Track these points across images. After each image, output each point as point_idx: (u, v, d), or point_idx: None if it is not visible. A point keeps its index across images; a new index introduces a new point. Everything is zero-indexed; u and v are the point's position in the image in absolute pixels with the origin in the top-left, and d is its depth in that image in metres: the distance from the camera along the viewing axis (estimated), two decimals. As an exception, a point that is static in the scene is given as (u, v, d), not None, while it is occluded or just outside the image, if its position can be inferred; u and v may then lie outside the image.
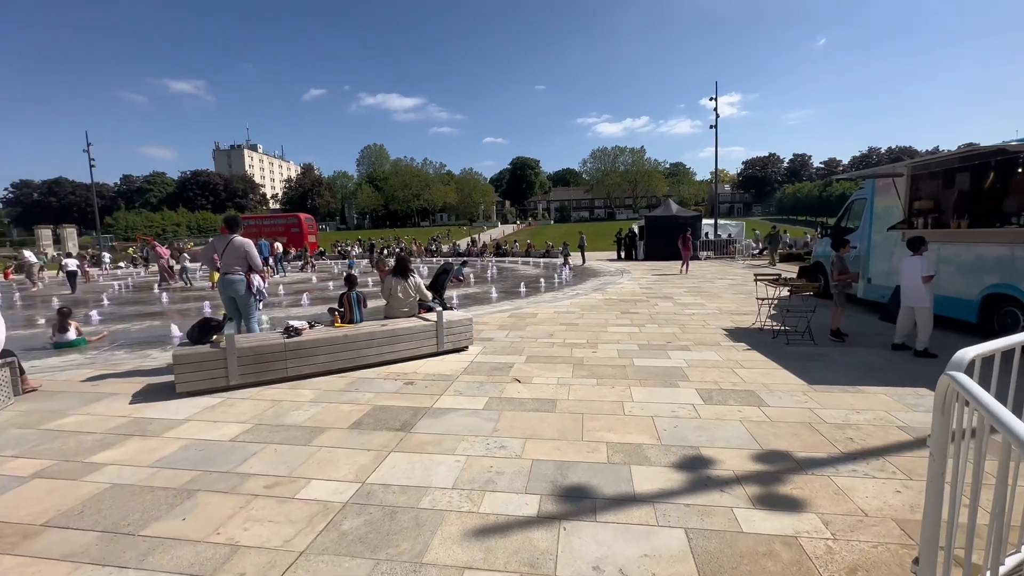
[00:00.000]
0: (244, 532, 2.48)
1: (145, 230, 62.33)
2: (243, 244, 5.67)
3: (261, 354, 4.90)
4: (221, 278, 5.61)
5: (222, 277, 5.60)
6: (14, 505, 2.81)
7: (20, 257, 21.78)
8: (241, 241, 5.67)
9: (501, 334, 7.20)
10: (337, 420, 3.99)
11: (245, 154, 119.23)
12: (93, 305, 11.96)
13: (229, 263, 5.61)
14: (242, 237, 5.73)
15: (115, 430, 3.89)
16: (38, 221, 52.18)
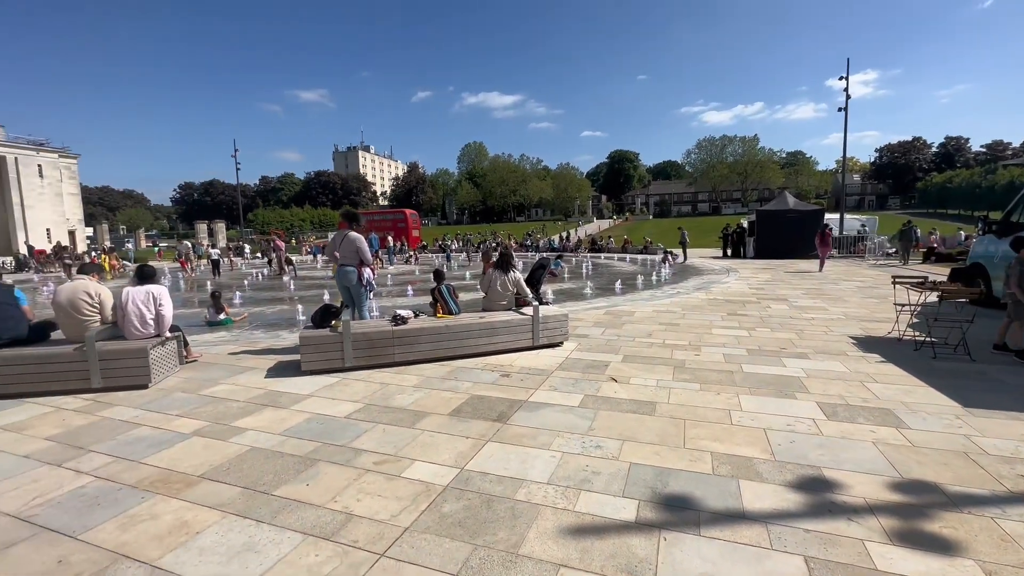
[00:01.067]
0: (357, 503, 2.70)
1: (277, 225, 70.50)
2: (356, 239, 6.13)
3: (372, 340, 5.30)
4: (338, 269, 6.15)
5: (339, 268, 6.14)
6: (179, 457, 3.32)
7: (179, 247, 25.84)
8: (355, 236, 6.14)
9: (596, 331, 7.07)
10: (438, 406, 4.18)
11: (359, 155, 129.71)
12: (235, 290, 13.80)
13: (345, 256, 6.11)
14: (356, 233, 6.19)
15: (254, 400, 4.44)
16: (197, 217, 61.36)
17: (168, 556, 2.28)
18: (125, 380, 4.76)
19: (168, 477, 3.04)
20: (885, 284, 11.99)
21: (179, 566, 2.21)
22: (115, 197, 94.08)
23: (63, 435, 3.73)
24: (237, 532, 2.45)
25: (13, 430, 3.85)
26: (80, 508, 2.71)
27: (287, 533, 2.44)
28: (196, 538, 2.41)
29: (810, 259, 18.99)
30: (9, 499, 2.82)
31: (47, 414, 4.20)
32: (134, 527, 2.52)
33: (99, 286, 5.06)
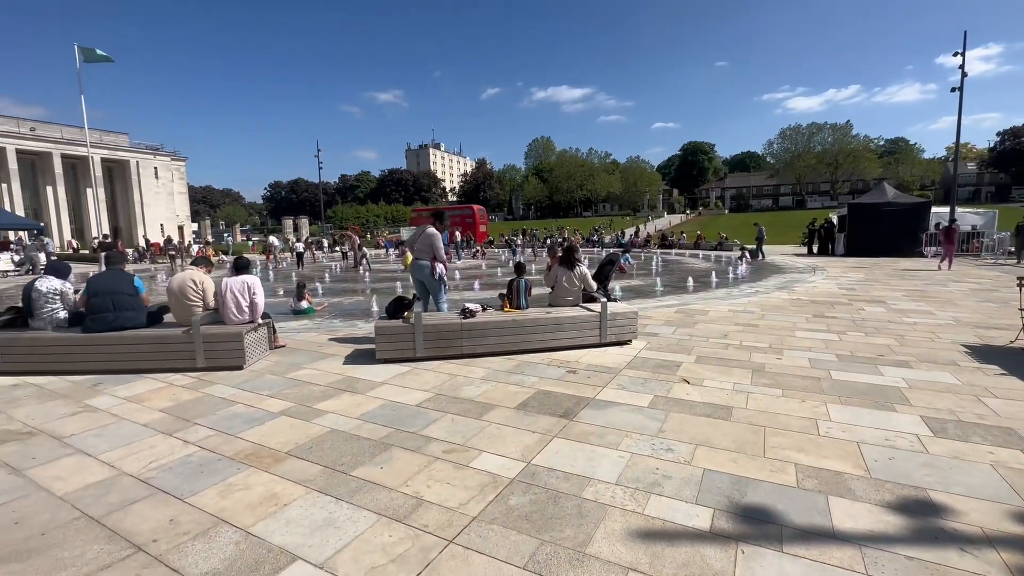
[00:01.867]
0: (427, 489, 2.79)
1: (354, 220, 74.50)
2: (433, 235, 6.32)
3: (442, 331, 5.45)
4: (413, 262, 6.38)
5: (414, 261, 6.37)
6: (269, 434, 3.60)
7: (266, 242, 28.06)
8: (432, 232, 6.33)
9: (667, 330, 6.82)
10: (505, 399, 4.23)
11: (430, 152, 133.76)
12: (316, 281, 14.76)
13: (420, 250, 6.33)
14: (435, 229, 6.39)
15: (333, 384, 4.73)
16: (284, 213, 66.35)
17: (259, 524, 2.48)
18: (224, 361, 5.24)
19: (259, 452, 3.31)
20: (1006, 286, 10.55)
21: (269, 534, 2.39)
22: (216, 195, 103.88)
23: (173, 408, 4.18)
24: (319, 508, 2.62)
25: (135, 401, 4.37)
26: (187, 474, 3.02)
27: (363, 512, 2.57)
28: (284, 510, 2.61)
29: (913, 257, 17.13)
30: (131, 461, 3.20)
31: (161, 388, 4.72)
32: (231, 495, 2.77)
33: (204, 276, 5.60)
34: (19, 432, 3.74)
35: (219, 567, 2.17)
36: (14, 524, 2.54)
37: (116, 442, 3.52)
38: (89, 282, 5.38)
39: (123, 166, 49.19)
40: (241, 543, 2.33)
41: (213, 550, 2.28)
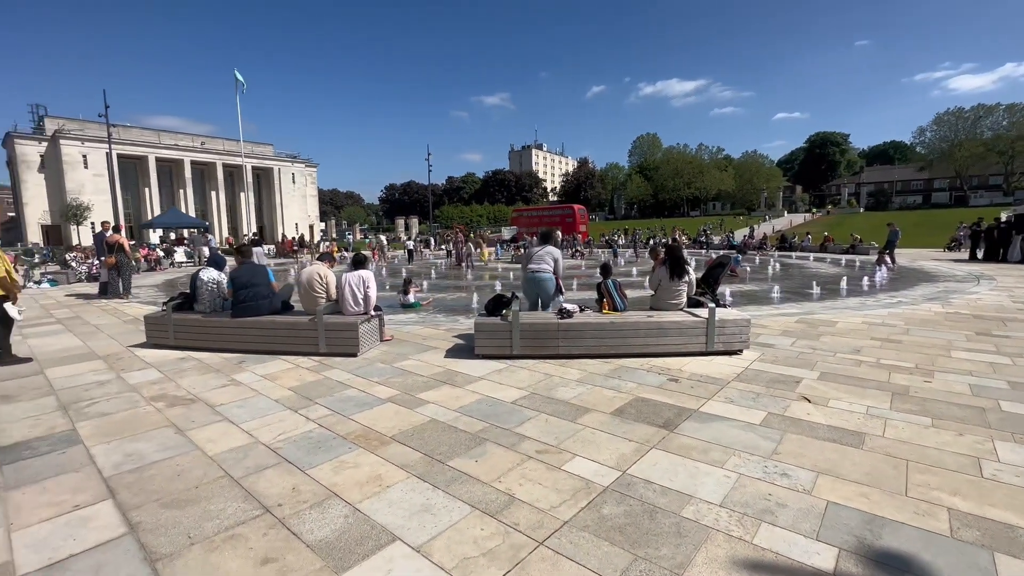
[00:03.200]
0: (519, 487, 2.80)
1: (459, 220, 77.97)
2: (555, 251, 6.36)
3: (538, 331, 5.47)
4: (531, 274, 6.32)
5: (532, 274, 6.31)
6: (377, 418, 3.88)
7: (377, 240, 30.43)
8: (555, 248, 6.40)
9: (785, 341, 6.17)
10: (600, 403, 4.12)
11: (532, 153, 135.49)
12: (423, 277, 15.65)
13: (540, 260, 6.32)
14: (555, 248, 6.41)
15: (434, 376, 4.96)
16: (397, 214, 71.49)
17: (365, 502, 2.67)
18: (341, 348, 5.76)
19: (368, 434, 3.57)
20: None
21: (373, 512, 2.57)
22: (340, 197, 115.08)
23: (299, 387, 4.68)
24: (418, 493, 2.76)
25: (269, 379, 4.97)
26: (308, 448, 3.36)
27: (457, 503, 2.65)
28: (387, 491, 2.78)
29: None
30: (265, 432, 3.64)
31: (290, 369, 5.31)
32: (343, 471, 3.02)
33: (327, 270, 6.20)
34: (183, 398, 4.44)
35: (330, 537, 2.37)
36: (176, 476, 3.00)
37: (254, 413, 4.02)
38: (232, 275, 6.22)
39: (268, 173, 56.49)
40: (349, 517, 2.53)
41: (326, 520, 2.50)
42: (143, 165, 47.03)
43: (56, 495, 2.80)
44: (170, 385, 4.83)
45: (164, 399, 4.42)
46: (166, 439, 3.55)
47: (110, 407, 4.24)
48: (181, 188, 49.69)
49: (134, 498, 2.75)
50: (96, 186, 42.67)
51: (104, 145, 35.80)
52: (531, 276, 6.34)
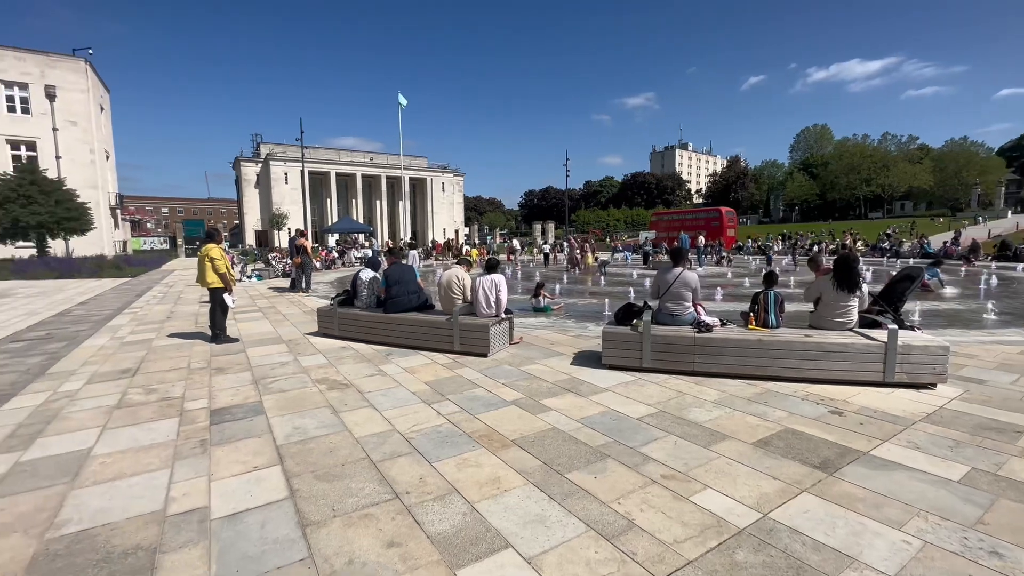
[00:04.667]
0: (640, 512, 2.61)
1: (595, 224, 77.32)
2: (692, 278, 5.41)
3: (672, 344, 5.10)
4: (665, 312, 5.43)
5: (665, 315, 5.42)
6: (501, 420, 3.97)
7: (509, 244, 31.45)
8: (691, 275, 5.43)
9: (1003, 377, 4.86)
10: (740, 431, 3.67)
11: (676, 153, 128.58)
12: (555, 281, 15.77)
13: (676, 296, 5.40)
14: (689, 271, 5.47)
15: (559, 383, 4.93)
16: (536, 219, 73.46)
17: (483, 503, 2.73)
18: (473, 348, 6.05)
19: (491, 435, 3.67)
20: None
21: (489, 514, 2.61)
22: (483, 204, 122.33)
23: (434, 382, 5.02)
24: (533, 502, 2.74)
25: (409, 372, 5.43)
26: (436, 441, 3.57)
27: (572, 519, 2.56)
28: (504, 495, 2.81)
29: None
30: (401, 421, 3.96)
31: (427, 364, 5.74)
32: (465, 469, 3.13)
33: (465, 273, 6.58)
34: (340, 383, 5.07)
35: (448, 532, 2.46)
36: (329, 452, 3.42)
37: (394, 403, 4.42)
38: (386, 273, 6.95)
39: (422, 183, 62.50)
40: (467, 516, 2.61)
41: (446, 515, 2.61)
42: (326, 180, 55.55)
43: (243, 456, 3.38)
44: (331, 370, 5.56)
45: (326, 382, 5.10)
46: (324, 418, 4.08)
47: (287, 385, 5.02)
48: (353, 198, 57.59)
49: (296, 467, 3.20)
50: (292, 198, 51.58)
51: (298, 164, 43.15)
52: (669, 319, 5.41)
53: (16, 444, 3.60)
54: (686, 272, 5.45)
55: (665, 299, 5.47)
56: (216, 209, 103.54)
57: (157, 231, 78.48)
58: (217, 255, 7.03)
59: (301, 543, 2.39)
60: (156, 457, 3.37)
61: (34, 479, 3.08)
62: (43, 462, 3.31)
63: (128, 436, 3.74)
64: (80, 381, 5.20)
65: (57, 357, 6.30)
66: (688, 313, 5.40)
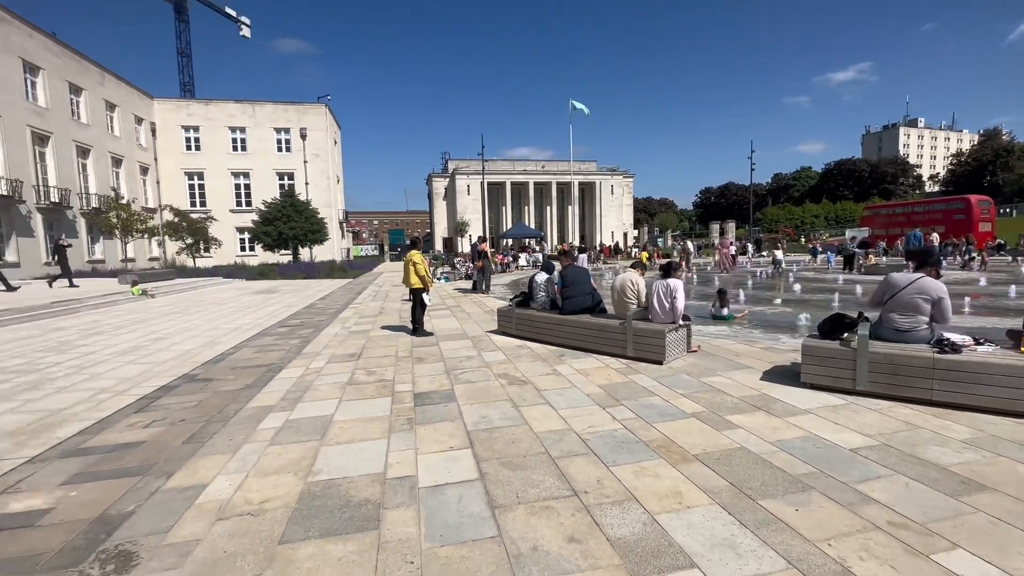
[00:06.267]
0: (860, 562, 2.22)
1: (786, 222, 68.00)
2: (936, 287, 4.34)
3: (900, 365, 4.21)
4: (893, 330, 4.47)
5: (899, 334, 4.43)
6: (679, 432, 3.77)
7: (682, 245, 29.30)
8: (935, 283, 4.38)
9: None
10: (1006, 481, 2.85)
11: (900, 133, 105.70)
12: (738, 287, 14.30)
13: (908, 307, 4.40)
14: (933, 278, 4.44)
15: (746, 399, 4.47)
16: (713, 218, 67.76)
17: (663, 515, 2.63)
18: (647, 354, 5.86)
19: (670, 446, 3.52)
20: None
21: (671, 528, 2.51)
22: (654, 205, 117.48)
23: (607, 386, 5.02)
24: (720, 524, 2.54)
25: (582, 374, 5.52)
26: (612, 445, 3.56)
27: (769, 551, 2.30)
28: (687, 511, 2.67)
29: None
30: (577, 421, 4.06)
31: (600, 368, 5.76)
32: (643, 478, 3.06)
33: (639, 277, 6.43)
34: (519, 379, 5.41)
35: (628, 538, 2.44)
36: (511, 442, 3.68)
37: (569, 403, 4.54)
38: (562, 273, 7.20)
39: (591, 187, 62.92)
40: (647, 526, 2.54)
41: (625, 521, 2.59)
42: (502, 189, 59.84)
43: (440, 436, 3.86)
44: (510, 367, 5.96)
45: (506, 377, 5.49)
46: (506, 410, 4.40)
47: (473, 377, 5.55)
48: (526, 205, 60.90)
49: (484, 452, 3.52)
50: (473, 208, 56.79)
51: (479, 176, 47.31)
52: (894, 334, 4.45)
53: (286, 405, 4.71)
54: (925, 279, 4.42)
55: (892, 309, 4.50)
56: (412, 220, 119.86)
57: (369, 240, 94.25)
58: (418, 260, 8.14)
59: (491, 522, 2.62)
60: (376, 428, 4.05)
61: (298, 434, 3.98)
62: (303, 422, 4.26)
63: (357, 408, 4.58)
64: (323, 361, 6.54)
65: (307, 341, 8.03)
66: (923, 330, 4.37)
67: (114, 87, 32.77)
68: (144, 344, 8.08)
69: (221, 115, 38.71)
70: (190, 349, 7.59)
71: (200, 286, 20.48)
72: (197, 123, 38.31)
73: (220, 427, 4.15)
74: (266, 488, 3.06)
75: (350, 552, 2.39)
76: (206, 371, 6.15)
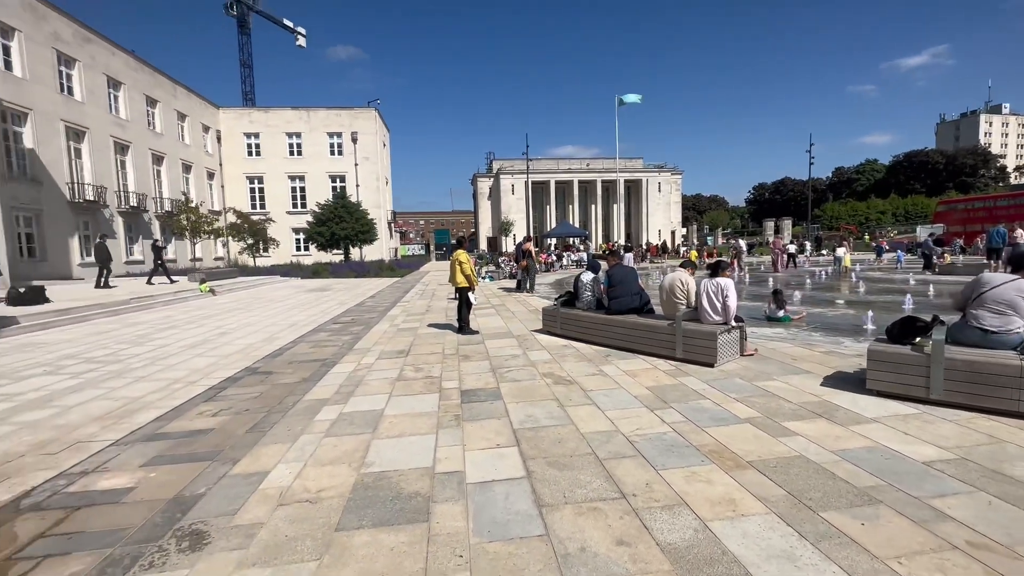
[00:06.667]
0: (934, 582, 2.07)
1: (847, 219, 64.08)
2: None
3: (980, 372, 3.87)
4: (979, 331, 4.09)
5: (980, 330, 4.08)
6: (733, 437, 3.64)
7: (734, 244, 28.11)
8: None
9: None
10: (1113, 507, 2.57)
11: (981, 120, 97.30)
12: (795, 287, 13.61)
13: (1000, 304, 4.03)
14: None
15: (806, 405, 4.25)
16: (767, 215, 64.86)
17: (716, 523, 2.55)
18: (698, 356, 5.69)
19: (722, 451, 3.40)
20: None
21: (724, 536, 2.43)
22: (703, 202, 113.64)
23: (655, 388, 4.91)
24: (778, 535, 2.43)
25: (629, 375, 5.43)
26: (661, 449, 3.48)
27: (831, 566, 2.18)
28: (741, 520, 2.57)
29: None
30: (624, 423, 3.99)
31: (647, 369, 5.64)
32: (694, 483, 2.98)
33: (689, 277, 6.25)
34: (564, 379, 5.39)
35: (679, 544, 2.38)
36: (557, 442, 3.68)
37: (616, 404, 4.48)
38: (609, 273, 7.09)
39: (637, 184, 61.64)
40: (699, 532, 2.47)
41: (676, 527, 2.53)
42: (546, 188, 59.66)
43: (487, 433, 3.90)
44: (555, 366, 5.95)
45: (551, 377, 5.48)
46: (551, 410, 4.40)
47: (518, 376, 5.58)
48: (570, 204, 60.47)
49: (530, 451, 3.53)
50: (517, 207, 56.96)
51: (523, 176, 47.40)
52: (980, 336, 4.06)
53: (340, 399, 4.90)
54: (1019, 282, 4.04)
55: (981, 305, 4.10)
56: (457, 220, 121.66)
57: (416, 240, 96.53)
58: (464, 259, 8.25)
59: (538, 520, 2.63)
60: (425, 424, 4.15)
61: (351, 427, 4.13)
62: (356, 415, 4.42)
63: (406, 404, 4.70)
64: (373, 357, 6.76)
65: (358, 337, 8.32)
66: (1014, 333, 3.97)
67: (184, 98, 35.16)
68: (211, 338, 8.63)
69: (279, 122, 40.71)
70: (252, 343, 8.04)
71: (259, 284, 21.65)
72: (257, 130, 40.48)
73: (280, 418, 4.38)
74: (322, 477, 3.21)
75: (401, 543, 2.46)
76: (266, 364, 6.51)
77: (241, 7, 52.90)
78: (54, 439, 4.04)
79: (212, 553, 2.42)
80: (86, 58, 25.67)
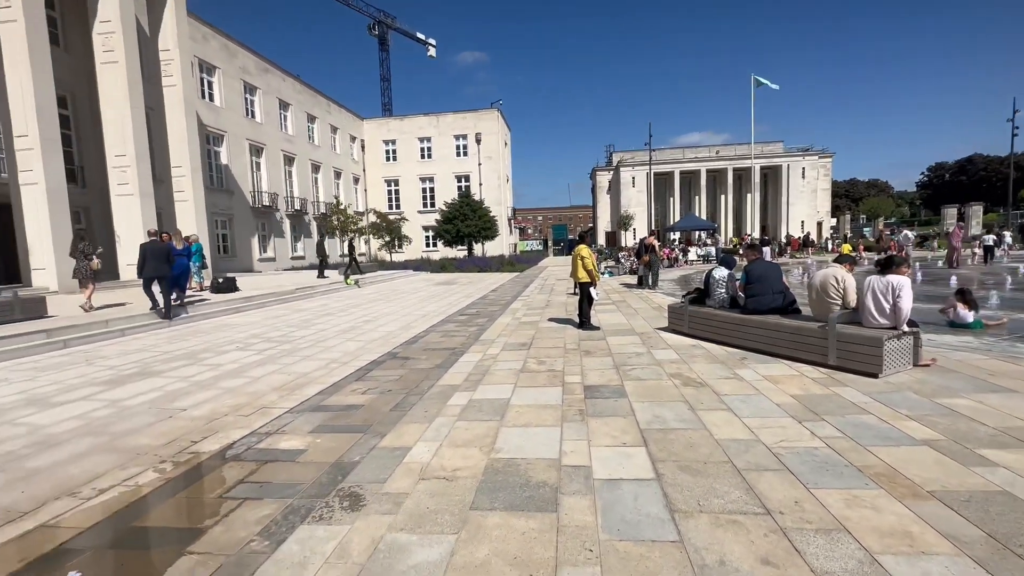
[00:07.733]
0: None
1: (1070, 203, 50.78)
2: None
3: None
4: None
5: None
6: (907, 462, 3.11)
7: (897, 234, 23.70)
8: None
9: None
10: None
11: None
12: (992, 287, 11.17)
13: None
14: None
15: (1010, 431, 3.48)
16: (946, 200, 54.02)
17: (887, 557, 2.21)
18: (857, 364, 4.97)
19: (893, 476, 2.93)
20: None
21: (896, 571, 2.09)
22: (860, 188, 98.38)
23: (803, 397, 4.40)
24: None
25: (770, 381, 4.93)
26: (813, 466, 3.11)
27: (1057, 632, 1.77)
28: (920, 557, 2.20)
29: None
30: (766, 433, 3.64)
31: (792, 376, 5.07)
32: (856, 508, 2.61)
33: (845, 274, 5.48)
34: (694, 381, 5.08)
35: (839, 573, 2.11)
36: (689, 446, 3.48)
37: (755, 411, 4.11)
38: (747, 269, 6.51)
39: (776, 171, 55.48)
40: (865, 565, 2.16)
41: (835, 554, 2.25)
42: (669, 179, 56.55)
43: (612, 430, 3.84)
44: (684, 367, 5.63)
45: (679, 377, 5.21)
46: (681, 412, 4.18)
47: (643, 374, 5.39)
48: (696, 195, 56.59)
49: (659, 452, 3.40)
50: (638, 200, 54.89)
51: (645, 167, 45.51)
52: None
53: (469, 386, 5.20)
54: None
55: None
56: (575, 215, 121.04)
57: (534, 235, 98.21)
58: (586, 254, 8.19)
59: (671, 526, 2.52)
60: (549, 416, 4.22)
61: (480, 413, 4.36)
62: (484, 402, 4.65)
63: (530, 395, 4.82)
64: (498, 348, 7.05)
65: (483, 329, 8.73)
66: None
67: (336, 113, 39.93)
68: (358, 325, 9.72)
69: (412, 128, 44.24)
70: (392, 331, 8.89)
71: (395, 277, 23.83)
72: (394, 137, 44.45)
73: (417, 400, 4.78)
74: (456, 458, 3.43)
75: (532, 529, 2.54)
76: (404, 350, 7.14)
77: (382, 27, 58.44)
78: (247, 403, 4.88)
79: (367, 515, 2.74)
80: (264, 85, 30.46)
